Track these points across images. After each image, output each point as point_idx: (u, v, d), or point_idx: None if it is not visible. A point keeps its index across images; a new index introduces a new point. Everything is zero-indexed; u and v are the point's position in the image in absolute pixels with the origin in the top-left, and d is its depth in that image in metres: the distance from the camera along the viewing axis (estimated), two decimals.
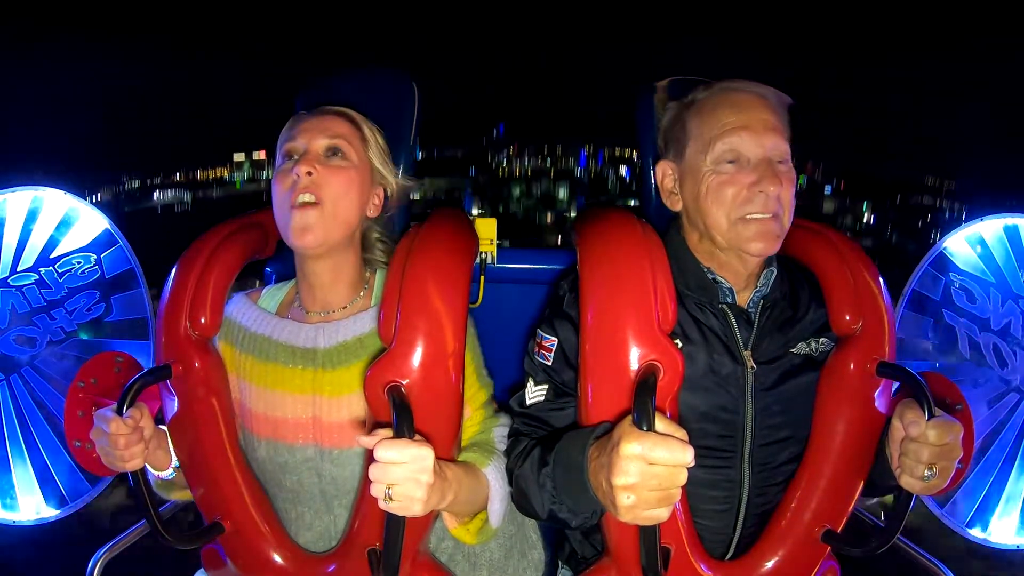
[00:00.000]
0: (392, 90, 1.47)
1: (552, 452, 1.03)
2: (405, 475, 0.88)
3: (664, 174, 1.20)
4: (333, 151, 1.16)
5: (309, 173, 1.12)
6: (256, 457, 1.19)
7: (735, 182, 1.09)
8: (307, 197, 1.12)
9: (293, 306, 1.24)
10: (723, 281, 1.14)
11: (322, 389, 1.15)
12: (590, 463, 0.92)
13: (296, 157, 1.15)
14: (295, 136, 1.17)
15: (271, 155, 1.21)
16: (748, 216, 1.08)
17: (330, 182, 1.13)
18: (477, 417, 1.19)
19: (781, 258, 1.21)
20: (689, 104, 1.16)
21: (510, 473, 1.12)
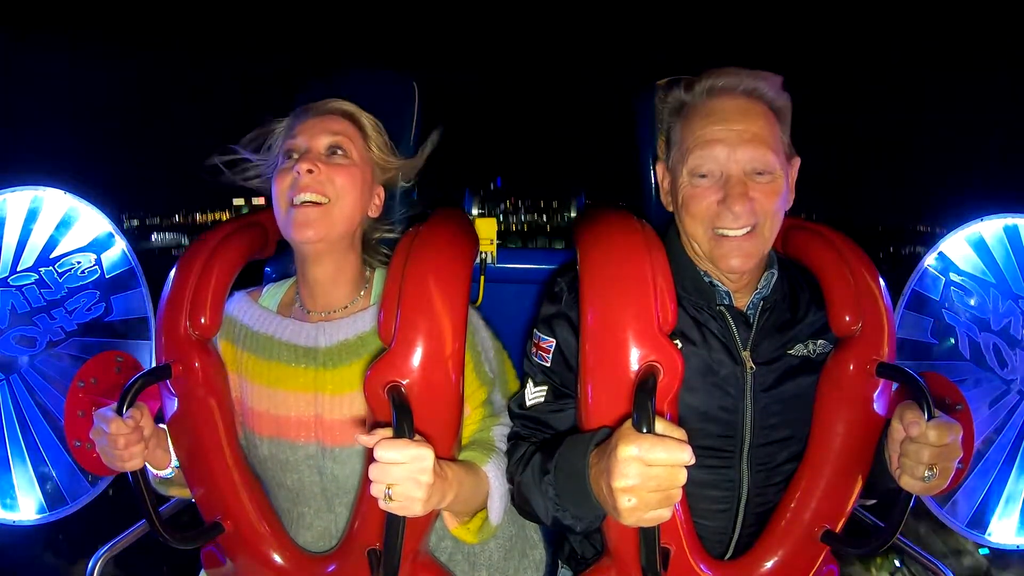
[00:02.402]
0: (393, 91, 1.47)
1: (553, 459, 1.03)
2: (405, 475, 0.88)
3: (662, 175, 1.21)
4: (334, 149, 1.16)
5: (310, 171, 1.11)
6: (258, 455, 1.19)
7: (704, 196, 1.08)
8: (309, 196, 1.11)
9: (294, 306, 1.24)
10: (719, 285, 1.14)
11: (324, 387, 1.15)
12: (591, 469, 0.92)
13: (296, 156, 1.15)
14: (296, 135, 1.16)
15: (270, 202, 1.21)
16: (719, 231, 1.08)
17: (332, 179, 1.13)
18: (476, 416, 1.19)
19: (781, 259, 1.21)
20: (680, 107, 1.15)
21: (511, 478, 1.12)
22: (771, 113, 1.09)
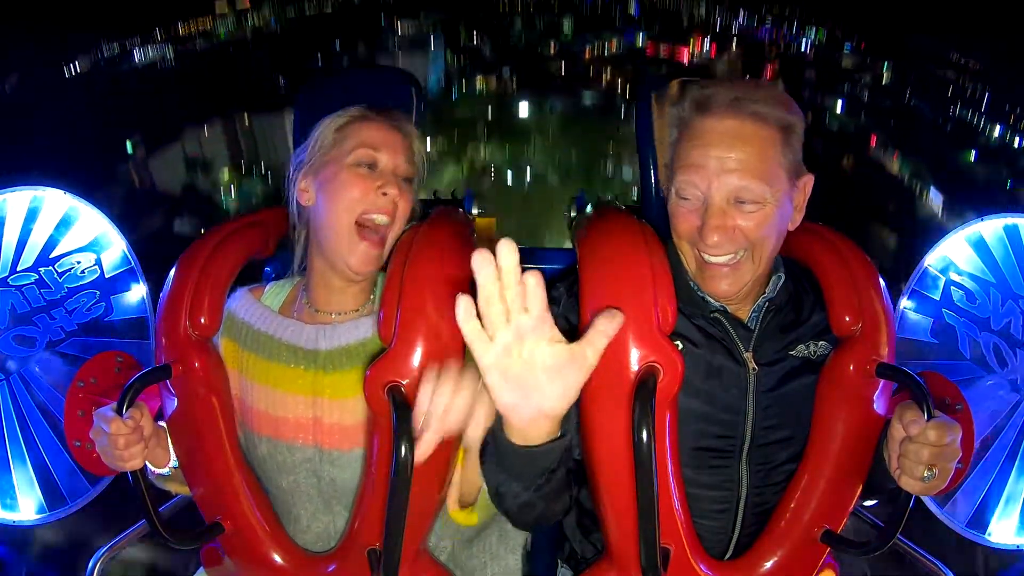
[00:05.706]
0: (395, 89, 1.47)
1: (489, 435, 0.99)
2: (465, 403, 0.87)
3: (664, 181, 1.17)
4: (408, 179, 1.19)
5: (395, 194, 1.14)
6: (256, 455, 1.19)
7: (686, 219, 1.07)
8: (383, 219, 1.14)
9: (301, 304, 1.23)
10: (712, 301, 1.13)
11: (323, 391, 1.15)
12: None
13: (370, 165, 1.16)
14: (377, 146, 1.16)
15: (255, 3, 1.20)
16: (705, 255, 1.07)
17: (401, 210, 1.16)
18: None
19: (787, 261, 1.21)
20: (677, 120, 1.11)
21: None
22: (770, 132, 1.03)
